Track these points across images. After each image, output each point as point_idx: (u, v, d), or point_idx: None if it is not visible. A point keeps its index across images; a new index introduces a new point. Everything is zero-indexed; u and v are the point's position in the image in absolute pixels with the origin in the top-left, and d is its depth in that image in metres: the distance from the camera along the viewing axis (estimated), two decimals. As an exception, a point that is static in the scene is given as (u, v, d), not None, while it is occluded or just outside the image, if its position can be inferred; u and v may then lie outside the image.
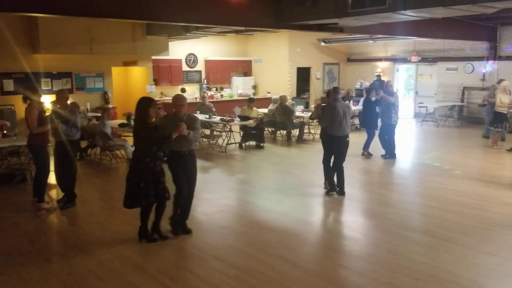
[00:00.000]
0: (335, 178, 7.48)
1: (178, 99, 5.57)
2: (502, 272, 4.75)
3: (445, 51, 16.41)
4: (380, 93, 9.99)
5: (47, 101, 10.66)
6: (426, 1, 6.75)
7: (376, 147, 10.31)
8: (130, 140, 10.59)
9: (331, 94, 7.51)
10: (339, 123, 7.21)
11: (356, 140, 10.25)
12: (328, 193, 7.50)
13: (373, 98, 10.11)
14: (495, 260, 4.99)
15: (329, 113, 7.27)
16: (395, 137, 10.26)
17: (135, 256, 5.14)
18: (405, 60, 17.60)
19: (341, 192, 7.44)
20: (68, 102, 7.26)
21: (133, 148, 10.03)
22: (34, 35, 11.85)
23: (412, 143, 13.19)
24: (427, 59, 16.90)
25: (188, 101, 17.55)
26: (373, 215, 6.65)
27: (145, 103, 5.27)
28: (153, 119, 5.42)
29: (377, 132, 10.30)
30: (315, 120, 8.75)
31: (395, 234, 5.77)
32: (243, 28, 11.14)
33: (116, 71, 14.42)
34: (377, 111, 10.40)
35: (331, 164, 7.49)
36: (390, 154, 10.20)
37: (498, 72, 14.85)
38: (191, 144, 5.58)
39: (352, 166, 9.65)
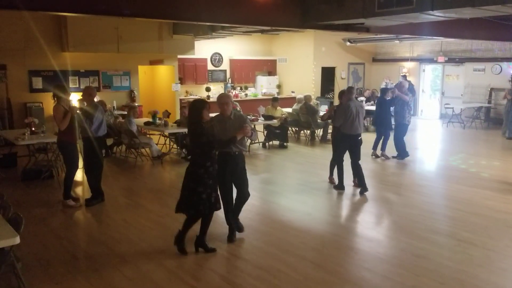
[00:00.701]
0: (342, 175, 7.79)
1: (222, 98, 5.38)
2: (530, 278, 4.65)
3: (473, 51, 16.07)
4: (395, 91, 9.92)
5: (75, 98, 10.89)
6: (454, 1, 6.61)
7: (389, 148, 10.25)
8: (155, 138, 10.77)
9: (346, 94, 7.76)
10: (351, 122, 7.45)
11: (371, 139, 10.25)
12: (335, 188, 7.78)
13: (388, 98, 10.01)
14: (523, 266, 4.89)
15: (343, 112, 7.49)
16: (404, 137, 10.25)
17: (158, 254, 5.20)
18: (431, 61, 17.31)
19: (365, 189, 7.54)
20: (96, 99, 7.42)
21: (157, 146, 10.29)
22: (63, 33, 12.12)
23: (438, 144, 12.97)
24: (454, 59, 16.58)
25: (212, 100, 17.70)
26: (398, 217, 6.57)
27: (199, 105, 4.98)
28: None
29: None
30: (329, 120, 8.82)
31: (420, 237, 5.69)
32: (268, 28, 11.14)
33: (142, 70, 14.62)
34: (391, 111, 10.33)
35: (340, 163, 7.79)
36: (402, 154, 10.13)
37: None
38: (242, 144, 5.41)
39: (372, 167, 9.57)
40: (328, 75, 18.07)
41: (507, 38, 14.23)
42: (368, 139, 8.39)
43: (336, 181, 7.92)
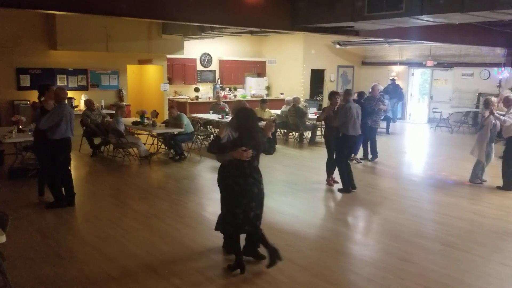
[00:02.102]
0: (352, 176, 7.88)
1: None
2: (513, 283, 4.70)
3: (461, 56, 16.25)
4: (380, 105, 10.22)
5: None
6: (443, 6, 6.67)
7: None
8: (143, 138, 10.71)
9: (344, 96, 7.92)
10: (353, 123, 7.63)
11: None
12: (342, 191, 7.78)
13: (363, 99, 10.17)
14: (507, 271, 4.93)
15: (344, 114, 7.61)
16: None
17: (145, 254, 5.17)
18: (420, 65, 17.46)
19: (354, 187, 7.83)
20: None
21: (145, 146, 10.23)
22: (51, 31, 12.00)
23: (425, 148, 13.08)
24: (443, 64, 16.74)
25: (201, 100, 17.59)
26: (384, 221, 6.61)
27: (254, 115, 4.75)
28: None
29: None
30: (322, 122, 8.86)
31: (406, 240, 5.72)
32: (258, 29, 11.14)
33: (131, 69, 14.54)
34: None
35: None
36: (374, 155, 10.42)
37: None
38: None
39: (357, 171, 9.62)
40: (317, 77, 18.13)
41: (495, 43, 14.44)
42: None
43: (332, 182, 8.06)
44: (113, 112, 10.93)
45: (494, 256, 5.33)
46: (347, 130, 7.63)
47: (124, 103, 12.90)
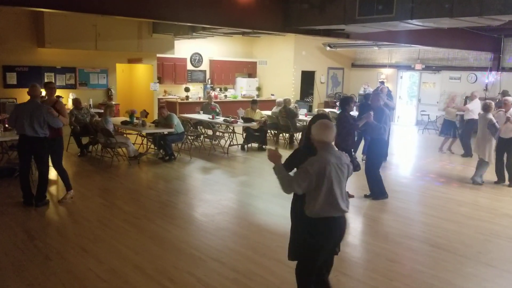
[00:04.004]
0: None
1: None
2: (499, 283, 4.77)
3: (449, 60, 16.44)
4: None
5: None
6: (433, 11, 6.77)
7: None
8: (132, 138, 10.65)
9: (378, 99, 7.53)
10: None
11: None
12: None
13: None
14: (493, 272, 5.01)
15: (386, 116, 7.29)
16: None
17: (134, 255, 5.15)
18: (409, 68, 17.63)
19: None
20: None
21: (134, 146, 10.17)
22: (40, 29, 11.87)
23: (413, 150, 13.20)
24: (431, 67, 16.92)
25: (191, 100, 17.49)
26: (373, 222, 6.67)
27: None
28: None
29: None
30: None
31: (395, 242, 5.78)
32: (249, 30, 11.16)
33: (120, 68, 14.44)
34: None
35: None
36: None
37: (501, 83, 14.87)
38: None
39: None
40: (307, 79, 18.20)
41: (482, 48, 14.65)
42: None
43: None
44: (102, 111, 10.85)
45: (481, 257, 5.41)
46: (385, 134, 7.33)
47: (113, 102, 12.81)
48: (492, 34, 14.10)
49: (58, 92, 10.18)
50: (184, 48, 16.12)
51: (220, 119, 11.69)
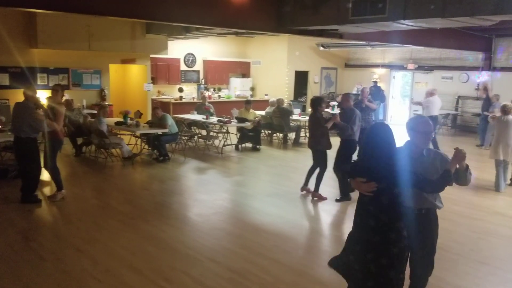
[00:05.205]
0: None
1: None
2: (491, 281, 4.83)
3: (441, 60, 16.55)
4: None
5: (43, 96, 10.65)
6: (425, 11, 6.82)
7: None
8: (126, 139, 10.63)
9: (348, 99, 7.56)
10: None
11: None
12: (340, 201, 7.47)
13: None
14: (486, 269, 5.07)
15: (359, 119, 7.34)
16: None
17: (130, 256, 5.15)
18: (401, 67, 17.72)
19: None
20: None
21: (128, 147, 10.15)
22: (32, 29, 11.81)
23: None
24: (424, 67, 17.03)
25: (185, 100, 17.44)
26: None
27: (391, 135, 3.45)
28: None
29: None
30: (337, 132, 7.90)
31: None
32: (243, 30, 11.18)
33: (114, 69, 14.40)
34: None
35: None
36: None
37: (492, 83, 15.00)
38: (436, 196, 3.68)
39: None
40: (301, 79, 18.24)
41: (474, 48, 14.77)
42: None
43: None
44: (95, 112, 10.82)
45: (473, 255, 5.47)
46: (355, 135, 7.34)
47: (107, 103, 12.78)
48: (483, 34, 14.22)
49: (50, 93, 10.16)
50: (177, 48, 16.10)
51: (214, 119, 11.70)
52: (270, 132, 13.21)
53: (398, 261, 3.19)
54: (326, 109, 10.94)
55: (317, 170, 7.54)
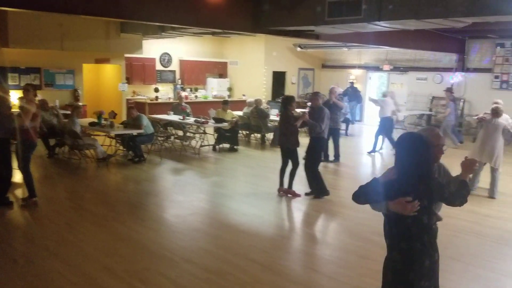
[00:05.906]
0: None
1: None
2: (465, 277, 4.92)
3: (416, 61, 16.83)
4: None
5: (15, 96, 10.38)
6: (400, 13, 6.92)
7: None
8: (100, 140, 10.45)
9: (317, 98, 7.67)
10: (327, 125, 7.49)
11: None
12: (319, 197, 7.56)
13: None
14: (459, 266, 5.16)
15: (327, 117, 7.42)
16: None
17: (104, 258, 5.06)
18: (377, 69, 17.94)
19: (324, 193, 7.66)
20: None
21: (102, 148, 9.97)
22: (3, 28, 11.52)
23: (383, 149, 13.42)
24: (399, 68, 17.28)
25: (161, 101, 17.31)
26: (345, 220, 6.74)
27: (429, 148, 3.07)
28: None
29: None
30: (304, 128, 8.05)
31: (367, 239, 5.86)
32: (219, 30, 11.14)
33: (87, 68, 14.17)
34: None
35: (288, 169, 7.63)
36: (337, 158, 10.55)
37: (466, 83, 15.35)
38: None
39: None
40: (279, 79, 18.29)
41: (448, 49, 15.07)
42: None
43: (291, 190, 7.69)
44: (69, 112, 10.60)
45: (447, 252, 5.54)
46: (324, 133, 7.46)
47: (80, 103, 12.54)
48: (456, 35, 14.52)
49: (21, 93, 9.91)
50: (153, 48, 15.93)
51: (191, 119, 11.61)
52: (247, 132, 13.19)
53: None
54: (301, 110, 11.05)
55: (289, 168, 7.58)
